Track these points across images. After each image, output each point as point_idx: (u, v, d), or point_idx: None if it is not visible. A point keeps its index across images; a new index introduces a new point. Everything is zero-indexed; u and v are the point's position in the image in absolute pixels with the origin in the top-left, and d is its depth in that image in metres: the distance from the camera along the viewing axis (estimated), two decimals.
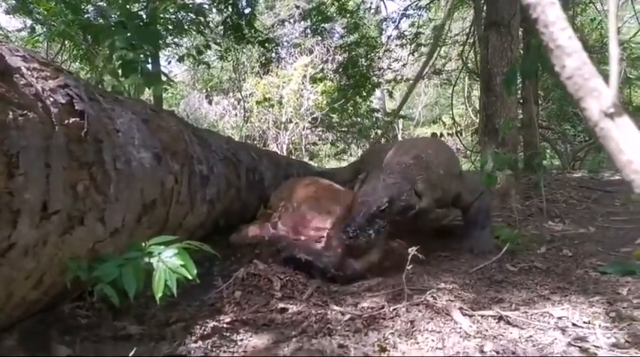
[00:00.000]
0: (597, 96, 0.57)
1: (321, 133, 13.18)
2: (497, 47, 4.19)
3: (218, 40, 7.95)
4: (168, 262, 1.50)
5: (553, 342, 1.51)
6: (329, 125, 12.63)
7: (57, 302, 1.64)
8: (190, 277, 1.50)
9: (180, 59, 4.75)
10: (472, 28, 6.95)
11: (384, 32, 9.82)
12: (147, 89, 3.52)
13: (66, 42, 5.35)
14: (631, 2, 7.54)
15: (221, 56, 7.62)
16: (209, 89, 14.76)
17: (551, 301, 1.87)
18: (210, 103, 9.57)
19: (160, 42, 3.75)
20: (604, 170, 6.75)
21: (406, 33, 8.09)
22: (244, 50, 10.23)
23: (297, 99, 12.10)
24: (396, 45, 8.30)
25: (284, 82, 12.41)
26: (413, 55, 8.17)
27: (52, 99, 1.44)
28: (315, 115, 11.91)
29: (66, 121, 1.46)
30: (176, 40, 6.39)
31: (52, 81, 1.50)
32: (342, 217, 2.39)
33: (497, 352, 1.41)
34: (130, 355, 1.33)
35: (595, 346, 1.47)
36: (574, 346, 1.49)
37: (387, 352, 1.47)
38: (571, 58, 0.58)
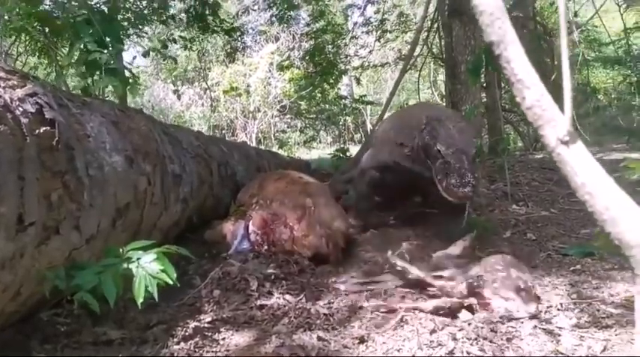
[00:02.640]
0: (554, 125, 0.62)
1: (289, 120, 13.16)
2: (460, 36, 4.28)
3: (181, 28, 7.79)
4: (147, 267, 1.52)
5: (520, 324, 1.60)
6: (297, 113, 12.63)
7: (34, 312, 1.63)
8: (171, 282, 1.52)
9: (146, 54, 4.64)
10: (435, 14, 7.03)
11: (349, 19, 9.83)
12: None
13: (22, 35, 5.16)
14: None
15: (185, 46, 7.48)
16: (174, 79, 14.50)
17: None
18: (179, 97, 9.39)
19: (123, 35, 3.66)
20: None
21: (372, 20, 8.12)
22: (209, 39, 10.07)
23: (265, 87, 12.03)
24: (362, 32, 8.33)
25: (250, 71, 12.30)
26: (379, 42, 8.22)
27: (21, 109, 1.41)
28: (283, 103, 11.88)
29: (37, 131, 1.44)
30: (137, 31, 6.21)
31: (19, 90, 1.48)
32: None
33: (470, 339, 1.49)
34: None
35: (559, 327, 1.57)
36: (539, 328, 1.58)
37: (366, 344, 1.54)
38: (530, 90, 0.63)
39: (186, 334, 1.64)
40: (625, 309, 1.67)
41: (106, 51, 2.93)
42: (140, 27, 4.57)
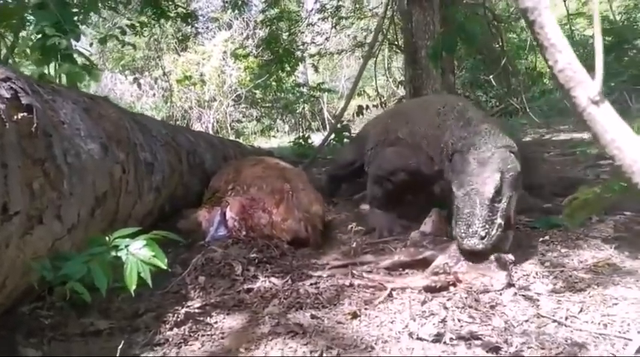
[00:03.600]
0: (585, 86, 0.67)
1: (244, 110, 13.00)
2: (420, 21, 4.37)
3: (127, 15, 7.49)
4: (138, 253, 1.49)
5: (502, 292, 1.69)
6: (253, 102, 12.49)
7: (16, 305, 1.57)
8: (164, 267, 1.50)
9: (102, 41, 4.45)
10: (388, 2, 7.11)
11: (302, 6, 9.80)
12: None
13: None
14: None
15: (136, 32, 7.21)
16: (121, 68, 13.97)
17: None
18: (139, 86, 9.07)
19: (78, 21, 3.50)
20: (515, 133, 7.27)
21: (327, 6, 8.12)
22: (158, 26, 9.75)
23: (219, 76, 11.82)
24: (319, 19, 8.33)
25: (204, 59, 12.04)
26: (335, 29, 8.24)
27: None
28: (238, 93, 11.72)
29: (15, 117, 1.38)
30: (86, 17, 5.92)
31: None
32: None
33: (458, 307, 1.57)
34: (119, 347, 1.32)
35: (537, 293, 1.67)
36: (519, 294, 1.68)
37: (359, 318, 1.58)
38: (562, 54, 0.68)
39: (178, 319, 1.62)
40: (594, 274, 1.80)
41: (63, 37, 2.81)
42: (91, 13, 4.38)
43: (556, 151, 4.99)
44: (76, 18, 3.62)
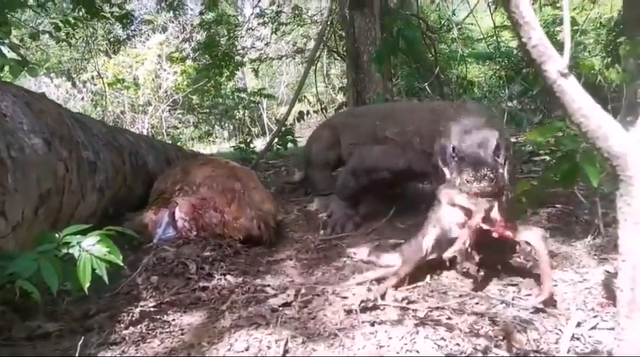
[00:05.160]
0: (555, 61, 0.75)
1: (180, 116, 12.67)
2: (362, 27, 4.50)
3: (52, 15, 7.12)
4: (92, 250, 1.43)
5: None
6: (189, 107, 12.21)
7: None
8: (120, 263, 1.45)
9: (34, 36, 4.19)
10: (332, 8, 7.25)
11: (240, 11, 9.76)
12: None
13: None
14: None
15: (67, 33, 6.85)
16: (46, 71, 13.22)
17: None
18: (74, 85, 8.58)
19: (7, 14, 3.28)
20: None
21: (267, 12, 8.14)
22: (91, 26, 9.32)
23: (154, 80, 11.45)
24: (259, 23, 8.32)
25: (137, 62, 11.63)
26: (275, 34, 8.27)
27: None
28: (174, 98, 11.42)
29: None
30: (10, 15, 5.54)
31: None
32: None
33: (415, 293, 1.63)
34: (79, 344, 1.26)
35: (484, 280, 1.77)
36: (467, 280, 1.77)
37: (322, 309, 1.60)
38: (535, 31, 0.75)
39: (133, 319, 1.58)
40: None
41: None
42: (16, 11, 4.12)
43: None
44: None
